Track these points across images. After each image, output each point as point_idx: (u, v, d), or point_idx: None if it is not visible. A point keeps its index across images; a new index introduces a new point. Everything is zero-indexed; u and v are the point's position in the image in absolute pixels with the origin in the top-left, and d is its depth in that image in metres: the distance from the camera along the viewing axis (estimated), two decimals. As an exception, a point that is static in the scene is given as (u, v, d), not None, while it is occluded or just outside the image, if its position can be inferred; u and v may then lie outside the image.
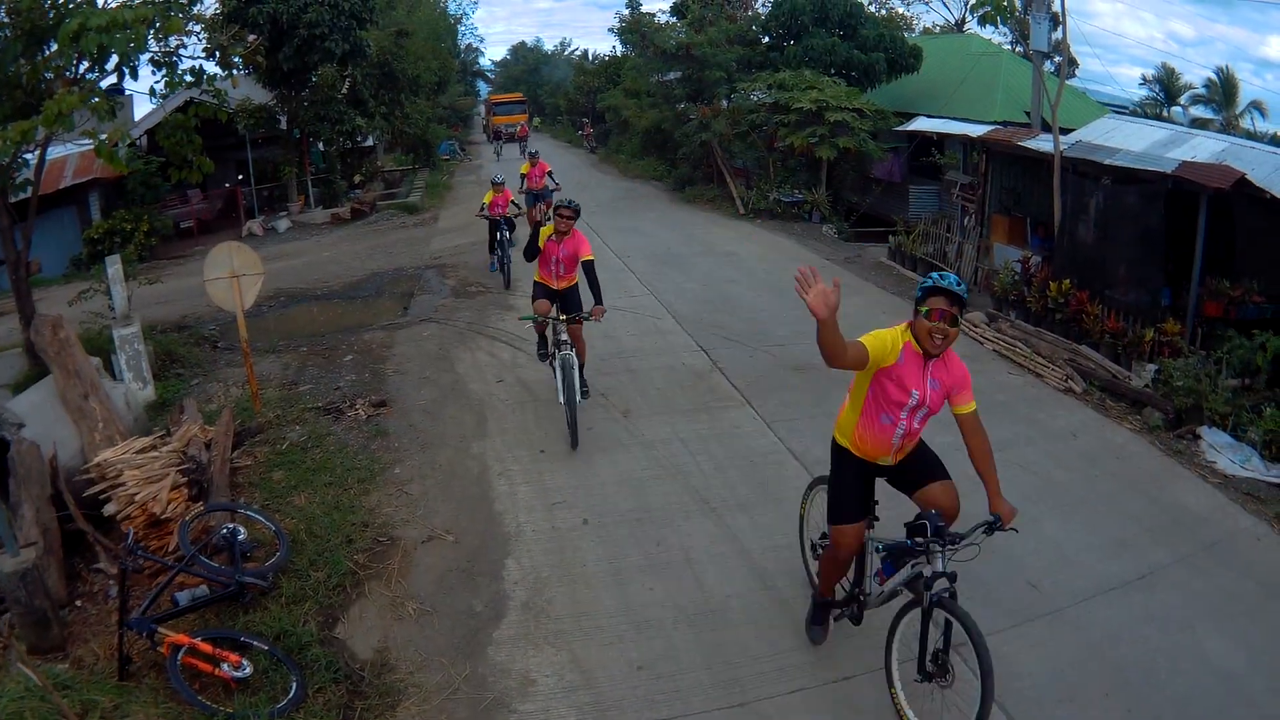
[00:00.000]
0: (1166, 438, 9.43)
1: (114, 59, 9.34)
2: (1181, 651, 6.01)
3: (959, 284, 4.76)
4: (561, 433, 9.34)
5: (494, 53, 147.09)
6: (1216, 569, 6.98)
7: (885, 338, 4.85)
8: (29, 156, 10.62)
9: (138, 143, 22.16)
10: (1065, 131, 14.14)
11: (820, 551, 5.88)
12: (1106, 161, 12.25)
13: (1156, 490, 8.31)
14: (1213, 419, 9.49)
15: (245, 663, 5.57)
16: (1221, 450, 9.03)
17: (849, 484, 5.28)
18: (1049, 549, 7.22)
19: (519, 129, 50.80)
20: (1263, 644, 6.07)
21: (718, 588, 6.76)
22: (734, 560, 7.12)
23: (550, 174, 19.40)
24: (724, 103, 26.34)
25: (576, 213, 9.38)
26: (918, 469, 5.28)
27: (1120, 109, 26.65)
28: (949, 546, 4.72)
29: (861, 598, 5.54)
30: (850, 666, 5.86)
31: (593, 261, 9.41)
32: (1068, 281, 12.34)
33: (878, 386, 4.96)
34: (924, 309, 4.75)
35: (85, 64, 9.93)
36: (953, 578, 4.72)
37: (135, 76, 10.12)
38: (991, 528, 4.75)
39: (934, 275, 4.86)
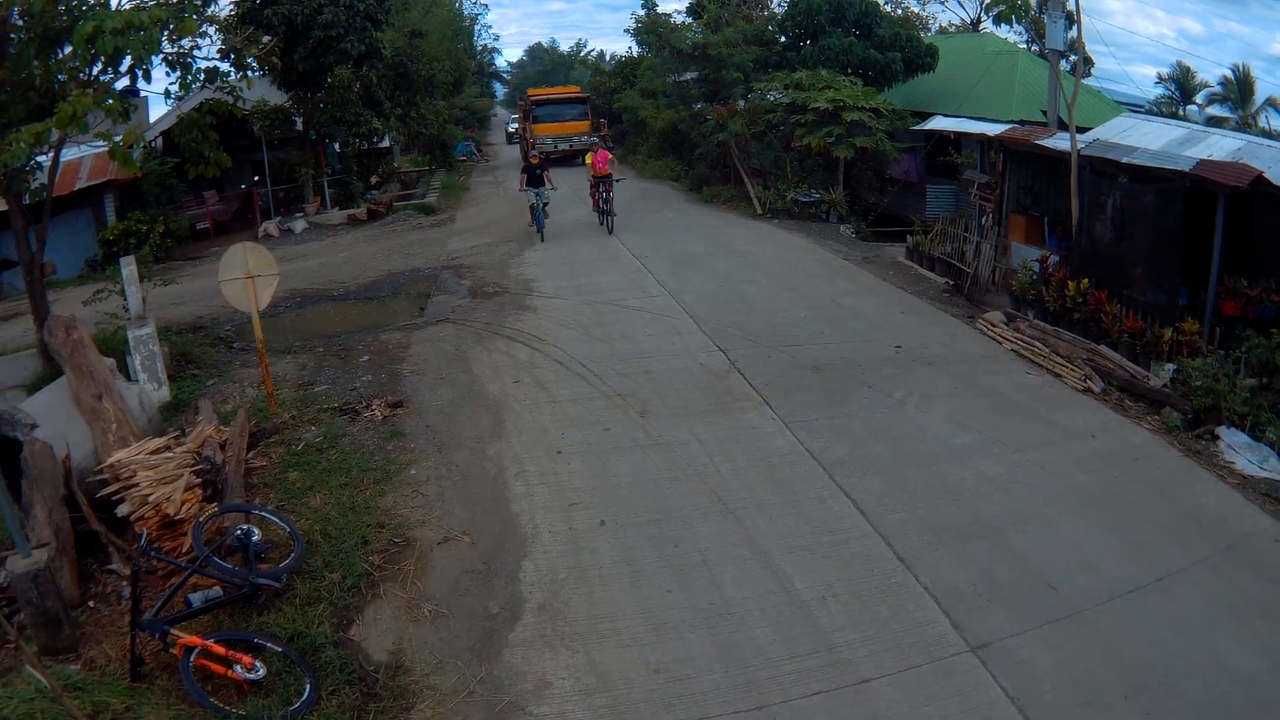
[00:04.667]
0: (1185, 438, 9.34)
1: (128, 61, 9.35)
2: (1200, 654, 5.94)
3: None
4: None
5: (509, 54, 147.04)
6: (1235, 571, 6.90)
7: None
8: (43, 159, 10.67)
9: (152, 144, 22.26)
10: (1082, 130, 14.02)
11: None
12: (1124, 160, 12.13)
13: (1175, 491, 8.22)
14: (1231, 419, 9.39)
15: (259, 664, 5.58)
16: (1240, 450, 8.94)
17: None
18: (1067, 550, 7.15)
19: (592, 152, 21.92)
20: (1284, 647, 6.00)
21: (735, 589, 6.73)
22: (751, 562, 7.08)
23: None
24: (740, 103, 26.24)
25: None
26: None
27: (1136, 108, 26.42)
28: None
29: None
30: (868, 669, 5.82)
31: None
32: (1086, 281, 12.23)
33: None
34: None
35: (99, 66, 9.95)
36: None
37: (149, 79, 10.17)
38: None
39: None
